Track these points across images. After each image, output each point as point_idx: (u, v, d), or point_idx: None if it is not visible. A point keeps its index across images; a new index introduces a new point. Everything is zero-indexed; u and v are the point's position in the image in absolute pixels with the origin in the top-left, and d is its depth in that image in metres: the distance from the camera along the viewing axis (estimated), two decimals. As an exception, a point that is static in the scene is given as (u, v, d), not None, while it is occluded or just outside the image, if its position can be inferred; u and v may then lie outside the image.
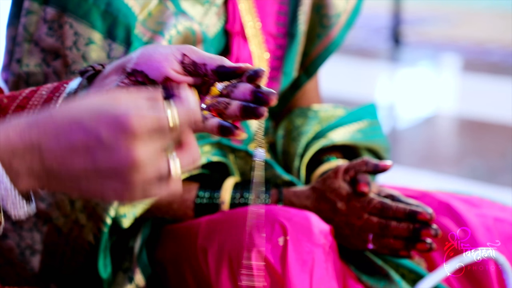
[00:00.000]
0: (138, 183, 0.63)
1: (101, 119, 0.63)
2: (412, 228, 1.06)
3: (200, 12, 1.15)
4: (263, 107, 0.70)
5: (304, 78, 1.31)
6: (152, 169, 0.63)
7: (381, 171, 1.11)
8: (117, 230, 1.13)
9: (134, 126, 0.62)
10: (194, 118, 0.65)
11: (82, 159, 0.63)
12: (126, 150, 0.62)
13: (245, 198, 1.13)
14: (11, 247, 1.13)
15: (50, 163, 0.64)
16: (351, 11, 1.28)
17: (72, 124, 0.64)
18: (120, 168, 0.63)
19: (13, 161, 0.64)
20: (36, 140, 0.64)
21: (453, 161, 3.18)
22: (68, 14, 1.07)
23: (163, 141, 0.64)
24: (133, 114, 0.62)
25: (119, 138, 0.62)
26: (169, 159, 0.64)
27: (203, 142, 1.16)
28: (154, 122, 0.63)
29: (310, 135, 1.25)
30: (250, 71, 0.70)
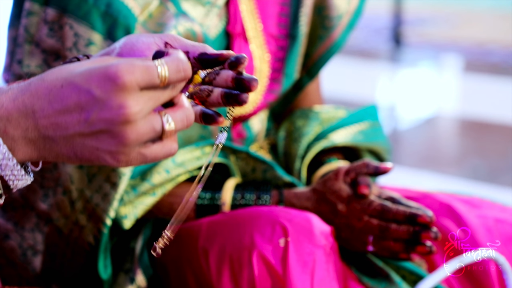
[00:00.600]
0: (132, 138, 0.64)
1: (93, 77, 0.64)
2: (412, 231, 1.06)
3: (201, 13, 1.15)
4: (245, 94, 0.70)
5: (306, 79, 1.31)
6: (145, 124, 0.64)
7: (381, 173, 1.11)
8: (118, 231, 1.13)
9: (124, 78, 0.63)
10: (183, 69, 0.66)
11: (75, 117, 0.64)
12: (117, 102, 0.63)
13: (246, 199, 1.13)
14: (13, 248, 1.14)
15: (45, 126, 0.64)
16: (353, 13, 1.28)
17: (64, 85, 0.64)
18: (112, 121, 0.63)
19: (8, 127, 0.64)
20: (29, 103, 0.64)
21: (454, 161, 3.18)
22: (68, 15, 1.07)
23: (154, 95, 0.64)
24: (122, 67, 0.63)
25: (110, 91, 0.63)
26: (162, 116, 0.65)
27: (204, 143, 1.16)
28: (143, 73, 0.63)
29: (311, 136, 1.25)
30: (232, 58, 0.70)
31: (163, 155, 0.67)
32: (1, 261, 1.16)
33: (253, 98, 1.22)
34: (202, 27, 1.14)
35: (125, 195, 1.11)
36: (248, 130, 1.26)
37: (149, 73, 0.64)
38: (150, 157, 0.66)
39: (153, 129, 0.65)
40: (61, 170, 1.09)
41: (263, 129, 1.30)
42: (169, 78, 0.65)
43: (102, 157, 0.65)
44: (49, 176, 1.10)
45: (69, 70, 0.65)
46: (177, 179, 1.14)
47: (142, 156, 0.65)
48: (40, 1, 1.08)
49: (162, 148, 0.66)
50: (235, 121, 1.23)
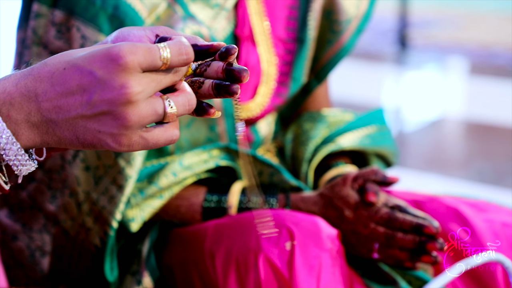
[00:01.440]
0: (133, 119, 0.64)
1: (95, 58, 0.64)
2: (418, 241, 1.06)
3: (209, 16, 1.16)
4: (235, 85, 0.70)
5: (315, 83, 1.31)
6: (146, 106, 0.64)
7: (388, 183, 1.12)
8: (126, 234, 1.13)
9: (126, 58, 0.63)
10: (185, 52, 0.66)
11: (77, 99, 0.64)
12: (119, 82, 0.63)
13: (252, 202, 1.13)
14: (21, 249, 1.14)
15: (47, 109, 0.64)
16: (362, 17, 1.28)
17: (67, 68, 0.64)
18: (114, 102, 0.63)
19: (11, 111, 0.65)
20: (32, 87, 0.65)
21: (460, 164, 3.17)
22: (75, 17, 1.07)
23: (156, 78, 0.65)
24: (125, 47, 0.64)
25: (112, 71, 0.63)
26: (163, 99, 0.65)
27: (212, 146, 1.16)
28: (146, 54, 0.64)
29: (319, 140, 1.25)
30: (222, 49, 0.70)
31: (165, 140, 0.67)
32: (9, 262, 1.16)
33: (260, 101, 1.22)
34: (210, 30, 1.14)
35: (132, 198, 1.11)
36: (256, 134, 1.26)
37: (151, 54, 0.64)
38: (152, 141, 0.66)
39: (155, 111, 0.65)
40: (68, 172, 1.09)
41: (270, 132, 1.30)
42: (171, 60, 0.65)
43: (104, 140, 0.65)
44: (56, 177, 1.10)
45: (71, 54, 0.66)
46: (184, 182, 1.14)
47: (143, 140, 0.65)
48: (48, 3, 1.09)
49: (164, 133, 0.66)
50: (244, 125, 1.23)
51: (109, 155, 1.08)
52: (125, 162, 1.08)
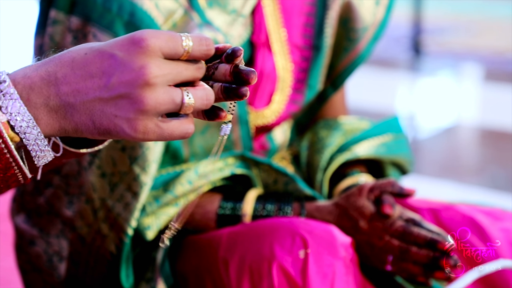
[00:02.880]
0: (150, 104, 0.64)
1: (118, 42, 0.65)
2: (432, 256, 1.05)
3: (226, 22, 1.16)
4: (244, 87, 0.69)
5: (331, 90, 1.30)
6: (164, 93, 0.64)
7: (405, 195, 1.11)
8: (142, 241, 1.13)
9: (148, 41, 0.63)
10: (206, 43, 0.66)
11: (96, 82, 0.64)
12: (139, 64, 0.63)
13: (267, 210, 1.13)
14: (39, 254, 1.14)
15: (66, 93, 0.65)
16: (378, 25, 1.27)
17: (88, 52, 0.65)
18: (132, 83, 0.63)
19: (31, 95, 0.65)
20: (52, 71, 0.65)
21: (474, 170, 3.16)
22: (92, 24, 1.07)
23: (177, 67, 0.65)
24: (148, 32, 0.64)
25: (133, 53, 0.64)
26: (182, 89, 0.65)
27: (227, 154, 1.16)
28: (168, 39, 0.64)
29: (334, 148, 1.25)
30: (228, 51, 0.70)
31: (180, 133, 0.66)
32: (26, 267, 1.17)
33: (276, 108, 1.22)
34: (226, 37, 1.14)
35: (148, 206, 1.11)
36: (271, 142, 1.26)
37: (174, 41, 0.65)
38: (167, 132, 0.66)
39: (172, 100, 0.65)
40: (84, 178, 1.09)
41: (286, 140, 1.30)
42: (193, 49, 0.66)
43: (119, 125, 0.65)
44: (73, 183, 1.11)
45: (94, 43, 0.66)
46: (200, 189, 1.14)
47: (159, 129, 0.65)
48: (65, 10, 1.09)
49: (180, 125, 0.66)
50: (258, 132, 1.23)
51: (124, 162, 1.08)
52: (140, 169, 1.08)
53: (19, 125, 0.65)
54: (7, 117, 0.64)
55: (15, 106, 0.64)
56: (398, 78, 4.75)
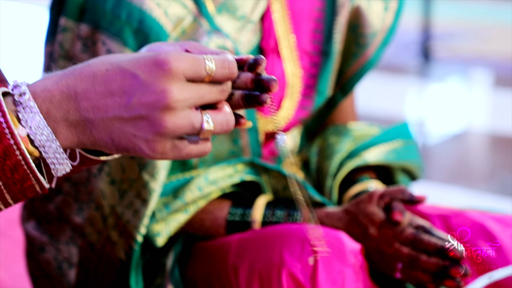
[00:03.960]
0: (169, 127, 0.64)
1: (141, 62, 0.64)
2: (441, 265, 1.05)
3: (235, 28, 1.16)
4: (264, 94, 0.70)
5: (340, 96, 1.30)
6: (184, 117, 0.64)
7: (416, 202, 1.11)
8: (151, 248, 1.13)
9: (171, 65, 0.63)
10: (229, 66, 0.66)
11: (116, 101, 0.64)
12: (161, 87, 0.63)
13: (277, 216, 1.13)
14: (49, 260, 1.14)
15: (86, 109, 0.65)
16: (387, 30, 1.27)
17: (109, 69, 0.65)
18: (153, 106, 0.63)
19: (51, 109, 0.65)
20: (72, 86, 0.65)
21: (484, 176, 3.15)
22: (101, 31, 1.08)
23: (199, 90, 0.65)
24: (172, 54, 0.64)
25: (156, 76, 0.63)
26: (202, 114, 0.65)
27: (237, 161, 1.16)
28: (191, 63, 0.64)
29: (344, 154, 1.25)
30: (250, 60, 0.71)
31: (197, 152, 0.67)
32: (37, 273, 1.17)
33: (285, 114, 1.22)
34: (235, 43, 1.14)
35: (158, 212, 1.11)
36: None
37: (197, 64, 0.65)
38: (185, 151, 0.66)
39: (191, 124, 0.65)
40: (94, 185, 1.10)
41: (295, 146, 1.30)
42: (215, 72, 0.66)
43: (138, 145, 0.65)
44: (83, 190, 1.11)
45: (115, 57, 0.66)
46: (209, 196, 1.14)
47: (177, 149, 0.66)
48: (74, 17, 1.10)
49: (197, 145, 0.67)
50: (268, 139, 1.23)
51: (133, 168, 1.09)
52: (149, 175, 1.08)
53: (38, 139, 0.65)
54: (27, 130, 0.65)
55: (35, 120, 0.64)
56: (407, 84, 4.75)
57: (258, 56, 0.70)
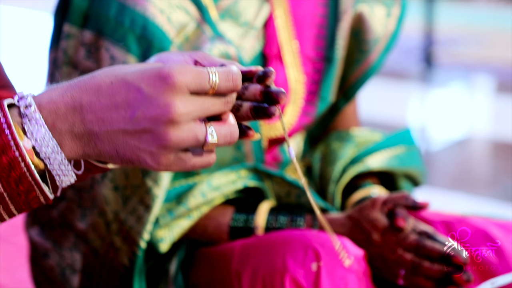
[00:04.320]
0: (173, 140, 0.64)
1: (144, 75, 0.65)
2: (445, 272, 1.05)
3: (238, 35, 1.16)
4: (273, 107, 0.70)
5: (343, 102, 1.31)
6: (188, 130, 0.65)
7: (419, 208, 1.11)
8: (155, 254, 1.13)
9: (175, 78, 0.64)
10: (233, 79, 0.67)
11: (121, 114, 0.64)
12: (165, 101, 0.63)
13: (280, 222, 1.13)
14: (52, 267, 1.15)
15: (91, 121, 0.65)
16: (390, 36, 1.28)
17: (114, 82, 0.65)
18: (157, 120, 0.64)
19: (56, 121, 0.65)
20: (77, 98, 0.65)
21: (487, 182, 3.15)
22: (104, 38, 1.08)
23: (203, 103, 0.65)
24: (175, 69, 0.64)
25: (160, 90, 0.64)
26: (207, 126, 0.66)
27: (240, 167, 1.16)
28: (195, 76, 0.64)
29: (347, 160, 1.25)
30: (259, 72, 0.71)
31: (201, 164, 0.67)
32: (40, 279, 1.17)
33: (288, 120, 1.23)
34: (238, 50, 1.14)
35: (161, 218, 1.11)
36: (284, 154, 1.26)
37: (200, 77, 0.65)
38: (190, 163, 0.66)
39: (195, 137, 0.65)
40: (97, 192, 1.10)
41: (299, 151, 1.30)
42: (219, 85, 0.66)
43: (142, 157, 0.65)
44: (86, 196, 1.11)
45: (120, 69, 0.66)
46: (213, 202, 1.14)
47: (181, 161, 0.66)
48: (78, 24, 1.10)
49: (201, 157, 0.67)
50: (271, 145, 1.23)
51: (137, 175, 1.09)
52: (152, 181, 1.08)
53: (43, 151, 0.65)
54: (32, 142, 0.65)
55: (40, 132, 0.65)
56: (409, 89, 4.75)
57: (268, 68, 0.71)
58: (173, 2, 1.10)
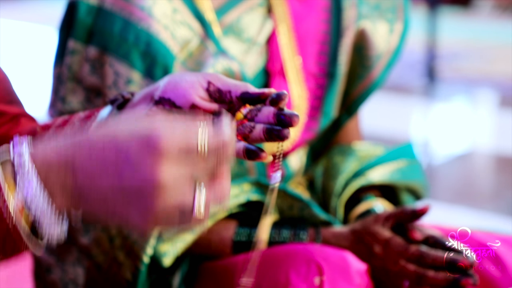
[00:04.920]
0: (160, 206, 0.63)
1: (134, 137, 0.63)
2: (451, 279, 1.04)
3: (241, 51, 1.17)
4: (286, 129, 0.71)
5: (345, 117, 1.31)
6: (175, 197, 0.63)
7: (419, 216, 1.10)
8: (158, 268, 1.13)
9: (162, 146, 0.62)
10: (223, 147, 0.64)
11: (110, 176, 0.63)
12: (151, 170, 0.62)
13: (283, 236, 1.13)
14: (55, 282, 1.15)
15: (82, 180, 0.64)
16: (392, 52, 1.28)
17: (106, 141, 0.64)
18: (143, 188, 0.62)
19: (48, 177, 0.65)
20: (71, 156, 0.65)
21: (489, 197, 3.15)
22: (109, 54, 1.09)
23: (191, 167, 0.63)
24: (164, 134, 0.62)
25: (146, 156, 0.62)
26: (195, 192, 0.64)
27: (242, 181, 1.16)
28: (182, 144, 0.62)
29: (349, 174, 1.25)
30: (273, 95, 0.72)
31: (192, 224, 0.65)
32: None
33: (291, 136, 1.23)
34: (241, 65, 1.15)
35: (165, 232, 1.11)
36: (286, 168, 1.26)
37: (188, 146, 0.63)
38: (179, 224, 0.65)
39: (182, 204, 0.63)
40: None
41: (301, 166, 1.30)
42: (209, 145, 0.63)
43: (131, 220, 0.64)
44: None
45: (114, 126, 0.65)
46: (216, 216, 1.14)
47: (170, 222, 0.64)
48: (82, 40, 1.11)
49: (189, 222, 0.65)
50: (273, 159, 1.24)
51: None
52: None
53: (34, 207, 0.64)
54: (23, 196, 0.64)
55: (31, 187, 0.64)
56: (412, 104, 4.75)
57: (281, 91, 0.71)
58: (177, 18, 1.11)
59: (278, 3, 1.22)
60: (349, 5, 1.25)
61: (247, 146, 0.73)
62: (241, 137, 0.74)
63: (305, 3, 1.25)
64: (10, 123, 0.91)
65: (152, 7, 1.10)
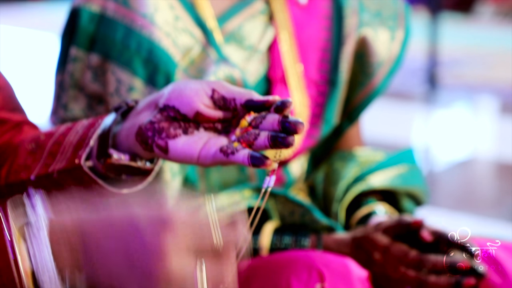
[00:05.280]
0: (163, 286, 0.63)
1: (151, 222, 0.64)
2: (453, 282, 1.04)
3: (242, 58, 1.18)
4: (291, 137, 0.71)
5: (347, 124, 1.31)
6: (179, 281, 0.63)
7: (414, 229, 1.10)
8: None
9: (177, 237, 0.63)
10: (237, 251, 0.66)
11: (120, 260, 0.64)
12: (162, 255, 0.63)
13: (284, 243, 1.13)
14: None
15: (91, 262, 0.65)
16: (394, 60, 1.28)
17: (123, 223, 0.64)
18: (150, 273, 0.63)
19: (61, 253, 0.65)
20: (87, 237, 0.65)
21: (490, 203, 3.15)
22: (111, 61, 1.10)
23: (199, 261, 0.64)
24: (181, 226, 0.63)
25: (159, 243, 0.63)
26: (197, 275, 0.64)
27: (243, 187, 1.16)
28: (196, 237, 0.64)
29: (350, 180, 1.25)
30: (278, 102, 0.72)
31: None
32: None
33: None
34: (243, 73, 1.16)
35: None
36: (288, 175, 1.26)
37: (202, 242, 0.64)
38: None
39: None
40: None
41: (303, 172, 1.30)
42: (222, 252, 0.65)
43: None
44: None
45: (131, 202, 0.66)
46: (217, 223, 1.14)
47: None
48: (85, 47, 1.12)
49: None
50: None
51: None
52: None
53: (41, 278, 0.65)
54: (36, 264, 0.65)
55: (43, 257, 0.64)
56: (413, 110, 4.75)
57: (286, 99, 0.72)
58: (179, 25, 1.12)
59: (280, 10, 1.23)
60: (350, 12, 1.26)
61: (251, 153, 0.73)
62: (246, 144, 0.74)
63: (307, 11, 1.25)
64: (12, 130, 0.91)
65: (154, 14, 1.10)
